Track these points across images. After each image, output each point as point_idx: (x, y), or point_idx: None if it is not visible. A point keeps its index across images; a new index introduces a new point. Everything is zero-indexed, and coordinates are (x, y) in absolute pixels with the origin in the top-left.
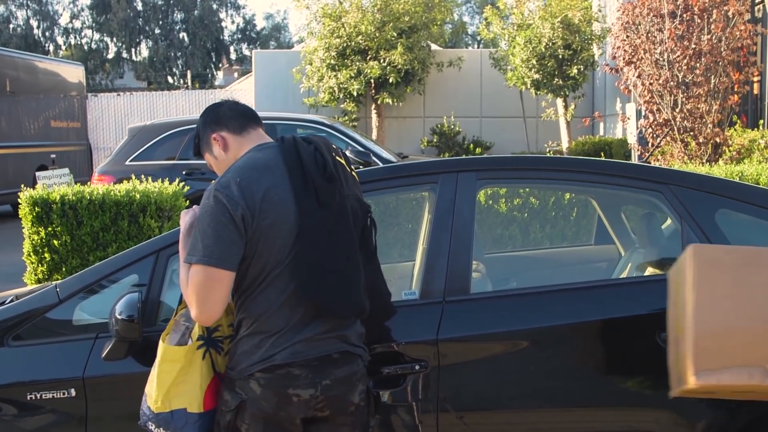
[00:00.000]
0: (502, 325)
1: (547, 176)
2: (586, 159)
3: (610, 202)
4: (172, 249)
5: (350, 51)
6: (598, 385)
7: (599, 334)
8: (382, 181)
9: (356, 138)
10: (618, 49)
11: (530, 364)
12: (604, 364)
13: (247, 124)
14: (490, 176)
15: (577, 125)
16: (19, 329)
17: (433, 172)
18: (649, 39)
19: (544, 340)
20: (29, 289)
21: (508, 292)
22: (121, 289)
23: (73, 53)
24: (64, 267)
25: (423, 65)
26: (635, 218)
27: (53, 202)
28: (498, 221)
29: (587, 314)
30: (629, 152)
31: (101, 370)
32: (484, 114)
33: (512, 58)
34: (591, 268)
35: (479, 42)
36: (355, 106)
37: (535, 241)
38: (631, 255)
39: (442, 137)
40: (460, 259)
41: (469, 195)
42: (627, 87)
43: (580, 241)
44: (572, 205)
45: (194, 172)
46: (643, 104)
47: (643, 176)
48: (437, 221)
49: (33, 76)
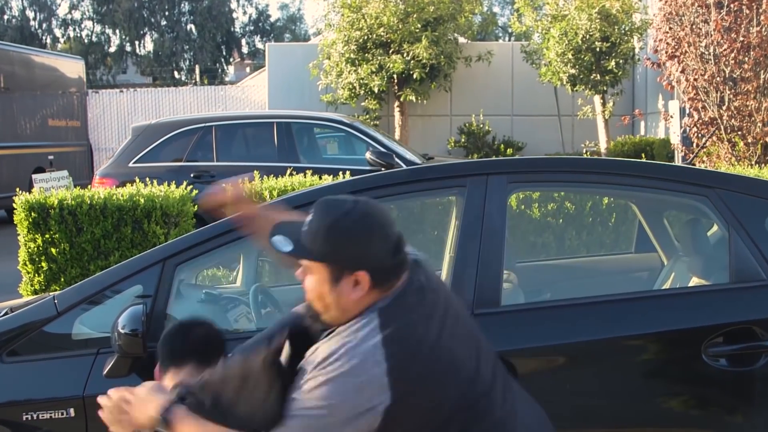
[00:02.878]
0: (536, 340)
1: (584, 179)
2: (626, 161)
3: (652, 207)
4: (179, 257)
5: (371, 44)
6: (639, 405)
7: (640, 350)
8: (406, 185)
9: (378, 138)
10: (660, 42)
11: (566, 383)
12: (645, 383)
13: None
14: (523, 179)
15: (616, 124)
16: (14, 344)
17: (460, 174)
18: (693, 31)
19: (580, 357)
20: (25, 301)
21: (542, 305)
22: (125, 301)
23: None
24: (63, 277)
25: (450, 59)
26: (679, 224)
27: (51, 207)
28: (531, 228)
29: (627, 328)
30: (672, 153)
31: (103, 388)
32: (516, 112)
33: (546, 52)
34: (631, 278)
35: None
36: (377, 104)
37: (571, 249)
38: (675, 264)
39: (470, 137)
40: (490, 269)
41: (499, 200)
42: (670, 83)
43: (619, 249)
44: (611, 210)
45: (203, 175)
46: (687, 101)
47: (688, 179)
48: (465, 228)
49: (29, 72)
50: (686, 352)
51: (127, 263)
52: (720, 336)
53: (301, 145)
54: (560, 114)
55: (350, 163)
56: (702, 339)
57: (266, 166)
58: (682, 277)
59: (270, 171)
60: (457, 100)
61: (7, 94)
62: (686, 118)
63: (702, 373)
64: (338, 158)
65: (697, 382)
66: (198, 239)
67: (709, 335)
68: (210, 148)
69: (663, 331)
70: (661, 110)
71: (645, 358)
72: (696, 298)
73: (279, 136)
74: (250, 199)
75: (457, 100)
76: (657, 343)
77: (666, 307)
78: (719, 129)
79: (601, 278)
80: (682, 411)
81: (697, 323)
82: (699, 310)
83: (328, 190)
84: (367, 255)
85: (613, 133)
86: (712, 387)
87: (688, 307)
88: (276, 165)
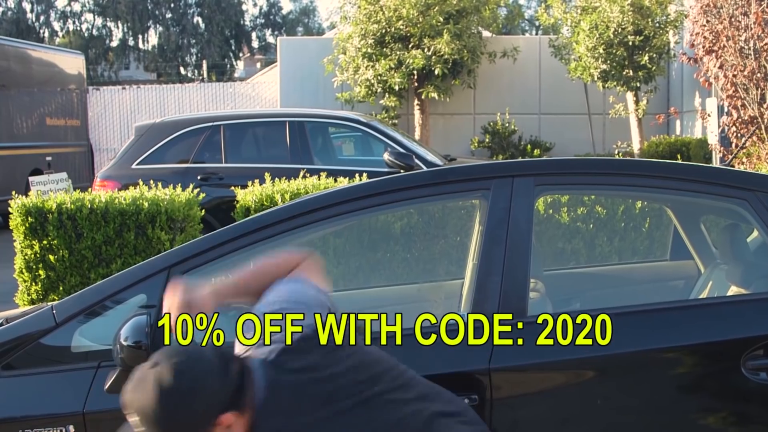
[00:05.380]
0: (564, 352)
1: (616, 182)
2: (661, 162)
3: (688, 212)
4: (185, 265)
5: (390, 38)
6: (674, 423)
7: (675, 364)
8: (427, 188)
9: (397, 138)
10: (697, 35)
11: (596, 398)
12: (680, 398)
13: None
14: (551, 182)
15: (650, 123)
16: (9, 357)
17: (484, 177)
18: (732, 24)
19: (612, 370)
20: (21, 312)
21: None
22: (127, 311)
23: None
24: (62, 286)
25: (473, 55)
26: (717, 230)
27: (49, 211)
28: (559, 233)
29: (662, 341)
30: (710, 154)
31: (104, 404)
32: (544, 110)
33: (576, 46)
34: (666, 287)
35: (538, 28)
36: (396, 102)
37: (602, 256)
38: (712, 272)
39: (495, 137)
40: (516, 277)
41: (526, 203)
42: (707, 79)
43: (653, 256)
44: (644, 214)
45: (210, 177)
46: (725, 99)
47: (726, 182)
48: (489, 233)
49: (25, 67)
50: (724, 366)
51: (129, 271)
52: (760, 348)
53: (315, 145)
54: (590, 112)
55: (367, 165)
56: (741, 351)
57: (278, 168)
58: (720, 285)
59: (282, 173)
60: (481, 98)
61: (2, 91)
62: (725, 116)
63: (741, 388)
64: (354, 159)
65: (736, 397)
66: (206, 245)
67: (749, 347)
68: (218, 149)
69: (699, 344)
70: (698, 108)
71: (680, 371)
72: (735, 308)
73: (291, 136)
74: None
75: (481, 97)
76: (693, 356)
77: (703, 317)
78: (759, 128)
79: (633, 287)
80: (719, 428)
81: (735, 335)
82: (738, 321)
83: (343, 194)
84: (210, 400)
85: (646, 133)
86: (752, 402)
87: (726, 317)
88: (288, 167)
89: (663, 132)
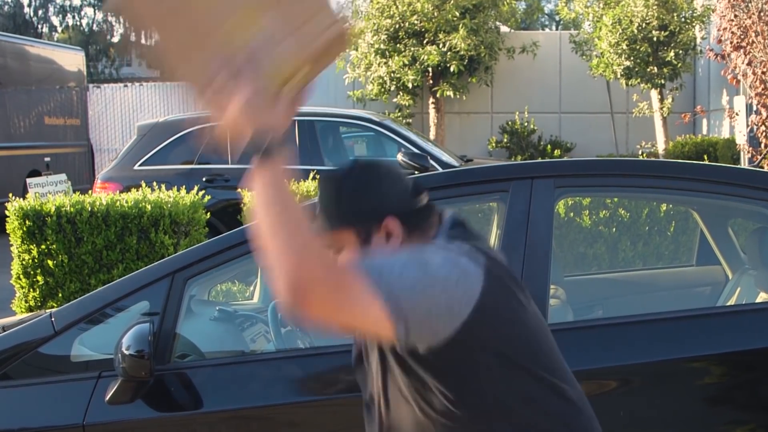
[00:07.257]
0: (585, 361)
1: (640, 184)
2: (686, 163)
3: (715, 215)
4: (190, 270)
5: (404, 33)
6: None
7: (702, 373)
8: (443, 189)
9: (411, 138)
10: (724, 31)
11: (619, 409)
12: (708, 409)
13: None
14: (571, 183)
15: (676, 122)
16: (6, 367)
17: (503, 178)
18: (761, 19)
19: (635, 380)
20: (19, 319)
21: (593, 322)
22: (129, 319)
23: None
24: (61, 292)
25: (490, 51)
26: (745, 234)
27: (47, 214)
28: (580, 237)
29: (688, 349)
30: (738, 155)
31: (105, 416)
32: (564, 109)
33: (598, 42)
34: (692, 293)
35: (558, 23)
36: (410, 100)
37: (625, 261)
38: (740, 277)
39: (513, 137)
40: (535, 283)
41: (546, 206)
42: (735, 76)
43: (679, 261)
44: (669, 218)
45: (216, 179)
46: (754, 97)
47: (755, 184)
48: (508, 237)
49: (23, 64)
50: (753, 376)
51: (131, 277)
52: None
53: (326, 145)
54: (613, 111)
55: None
56: None
57: None
58: (749, 291)
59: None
60: (498, 96)
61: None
62: (753, 115)
63: None
64: None
65: (766, 408)
66: (211, 250)
67: None
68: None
69: (727, 352)
70: (726, 107)
71: (707, 381)
72: (764, 315)
73: (301, 136)
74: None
75: (498, 95)
76: (721, 365)
77: (731, 325)
78: None
79: (658, 294)
80: None
81: (765, 343)
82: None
83: None
84: (385, 200)
85: (672, 133)
86: None
87: (755, 325)
88: (298, 167)
89: (689, 132)
